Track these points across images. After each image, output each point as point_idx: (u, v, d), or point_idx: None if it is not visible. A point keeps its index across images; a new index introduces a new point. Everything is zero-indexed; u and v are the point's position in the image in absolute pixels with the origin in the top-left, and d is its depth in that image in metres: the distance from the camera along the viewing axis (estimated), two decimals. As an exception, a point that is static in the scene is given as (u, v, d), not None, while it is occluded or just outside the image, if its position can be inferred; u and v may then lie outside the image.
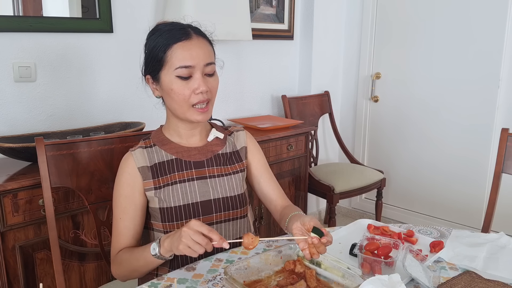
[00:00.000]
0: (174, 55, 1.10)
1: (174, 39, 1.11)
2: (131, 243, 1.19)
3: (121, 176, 1.19)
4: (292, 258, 1.11)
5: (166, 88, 1.14)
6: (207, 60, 1.13)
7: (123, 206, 1.17)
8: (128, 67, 2.22)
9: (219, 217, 1.21)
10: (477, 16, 2.64)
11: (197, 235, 0.96)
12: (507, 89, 2.62)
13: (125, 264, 1.14)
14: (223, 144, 1.27)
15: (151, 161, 1.19)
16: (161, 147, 1.21)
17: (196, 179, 1.20)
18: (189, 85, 1.11)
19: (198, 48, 1.12)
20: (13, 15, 1.81)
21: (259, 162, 1.32)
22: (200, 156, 1.22)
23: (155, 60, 1.13)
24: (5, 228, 1.52)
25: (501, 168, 1.63)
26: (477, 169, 2.77)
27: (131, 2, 2.17)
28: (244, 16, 2.29)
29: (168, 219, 1.17)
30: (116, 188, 1.19)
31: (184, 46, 1.10)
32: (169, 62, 1.11)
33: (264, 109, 2.98)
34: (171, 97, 1.14)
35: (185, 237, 0.97)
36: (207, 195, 1.20)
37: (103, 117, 2.16)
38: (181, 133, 1.22)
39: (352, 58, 3.28)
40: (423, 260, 1.07)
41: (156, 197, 1.17)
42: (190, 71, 1.11)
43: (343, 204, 3.47)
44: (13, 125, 1.89)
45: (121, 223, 1.18)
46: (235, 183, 1.24)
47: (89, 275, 1.76)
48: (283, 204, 1.29)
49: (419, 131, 3.00)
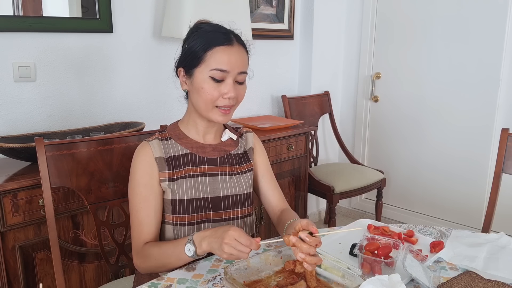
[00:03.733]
0: (213, 56, 1.13)
1: (217, 41, 1.13)
2: (154, 232, 1.19)
3: (139, 164, 1.19)
4: (292, 258, 1.11)
5: (197, 85, 1.16)
6: (242, 68, 1.16)
7: (143, 195, 1.17)
8: (128, 67, 2.22)
9: (227, 214, 1.23)
10: (477, 16, 2.64)
11: (240, 246, 0.99)
12: (507, 89, 2.62)
13: (154, 259, 1.14)
14: (235, 145, 1.30)
15: (167, 153, 1.20)
16: (177, 141, 1.23)
17: (208, 175, 1.22)
18: (220, 88, 1.14)
19: (237, 55, 1.15)
20: (13, 15, 1.81)
21: (262, 164, 1.35)
22: (214, 154, 1.25)
23: (193, 56, 1.15)
24: (5, 228, 1.52)
25: (501, 168, 1.63)
26: (477, 169, 2.77)
27: (131, 2, 2.17)
28: (244, 16, 2.29)
29: (179, 211, 1.18)
30: (133, 176, 1.19)
31: (225, 51, 1.13)
32: (206, 62, 1.13)
33: (264, 109, 2.98)
34: (199, 95, 1.16)
35: (228, 248, 0.99)
36: (217, 192, 1.22)
37: (103, 117, 2.16)
38: (198, 129, 1.24)
39: (352, 58, 3.28)
40: (423, 260, 1.07)
41: (169, 188, 1.19)
42: (224, 75, 1.14)
43: (343, 204, 3.47)
44: (13, 125, 1.89)
45: (142, 212, 1.17)
46: (243, 182, 1.27)
47: (89, 275, 1.75)
48: (281, 207, 1.32)
49: (419, 131, 3.00)
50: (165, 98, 2.38)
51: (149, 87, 2.32)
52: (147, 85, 2.32)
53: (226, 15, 2.15)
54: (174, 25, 2.12)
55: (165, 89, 2.36)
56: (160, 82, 2.35)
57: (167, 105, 2.40)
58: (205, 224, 1.20)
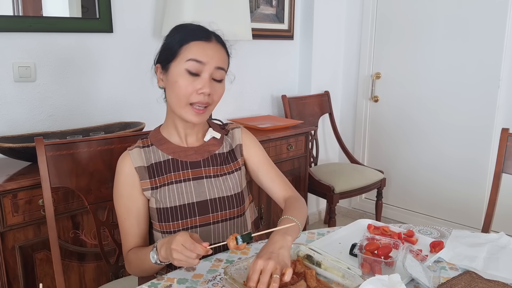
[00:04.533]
0: (189, 48, 1.11)
1: (194, 36, 1.12)
2: (139, 241, 1.19)
3: (119, 176, 1.19)
4: (292, 258, 1.11)
5: (171, 80, 1.13)
6: (219, 63, 1.14)
7: (126, 206, 1.18)
8: (128, 67, 2.22)
9: (216, 217, 1.21)
10: (477, 16, 2.64)
11: (186, 251, 0.96)
12: (507, 89, 2.62)
13: (134, 264, 1.16)
14: (220, 144, 1.26)
15: (148, 161, 1.19)
16: (158, 147, 1.21)
17: (192, 179, 1.20)
18: (195, 83, 1.11)
19: (214, 50, 1.13)
20: (13, 15, 1.81)
21: (256, 156, 1.30)
22: (197, 156, 1.22)
23: (169, 50, 1.14)
24: (5, 228, 1.52)
25: (501, 168, 1.63)
26: (477, 169, 2.77)
27: (131, 2, 2.17)
28: (244, 16, 2.28)
29: (165, 219, 1.17)
30: (116, 188, 1.20)
31: (201, 45, 1.12)
32: (182, 55, 1.11)
33: (264, 109, 2.98)
34: (173, 90, 1.13)
35: (175, 254, 0.97)
36: (203, 195, 1.20)
37: (103, 117, 2.16)
38: (179, 131, 1.21)
39: (352, 58, 3.28)
40: (423, 260, 1.06)
41: (152, 197, 1.18)
42: (200, 68, 1.11)
43: (343, 204, 3.47)
44: (13, 125, 1.89)
45: (126, 222, 1.18)
46: (231, 182, 1.24)
47: (89, 275, 1.75)
48: (284, 196, 1.27)
49: (419, 131, 3.00)
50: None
51: (149, 87, 2.32)
52: (147, 85, 2.31)
53: (226, 15, 2.15)
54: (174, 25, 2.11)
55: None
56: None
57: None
58: (192, 229, 1.18)
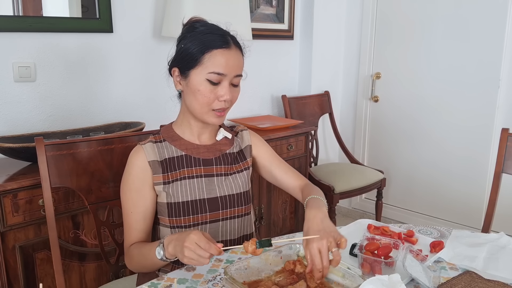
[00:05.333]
0: (211, 59, 1.12)
1: (215, 44, 1.13)
2: (142, 237, 1.20)
3: (131, 169, 1.19)
4: (292, 258, 1.11)
5: (193, 87, 1.15)
6: (238, 72, 1.16)
7: (134, 200, 1.18)
8: (128, 67, 2.22)
9: (225, 214, 1.23)
10: (477, 16, 2.64)
11: (199, 250, 0.97)
12: (507, 89, 2.62)
13: (135, 259, 1.16)
14: (231, 144, 1.30)
15: (161, 156, 1.20)
16: (171, 142, 1.22)
17: (204, 176, 1.22)
18: (216, 91, 1.14)
19: (234, 58, 1.15)
20: (13, 15, 1.81)
21: (266, 153, 1.36)
22: (209, 154, 1.24)
23: (190, 57, 1.14)
24: (5, 228, 1.52)
25: (501, 168, 1.63)
26: (477, 169, 2.77)
27: (131, 2, 2.17)
28: (244, 16, 2.29)
29: (175, 214, 1.18)
30: (125, 181, 1.20)
31: (223, 54, 1.13)
32: (204, 64, 1.12)
33: (264, 109, 2.98)
34: (195, 97, 1.15)
35: (187, 252, 0.97)
36: (214, 193, 1.22)
37: (103, 117, 2.16)
38: (193, 129, 1.23)
39: (352, 58, 3.28)
40: (423, 260, 1.07)
41: (164, 191, 1.18)
42: (221, 78, 1.14)
43: (343, 204, 3.47)
44: (13, 125, 1.89)
45: (132, 217, 1.18)
46: (240, 181, 1.27)
47: (89, 275, 1.75)
48: (300, 185, 1.31)
49: (419, 131, 3.00)
50: (165, 98, 2.37)
51: (149, 87, 2.33)
52: (147, 85, 2.32)
53: (226, 15, 2.15)
54: (174, 25, 2.12)
55: (165, 89, 2.35)
56: (160, 82, 2.34)
57: (167, 105, 2.38)
58: (202, 225, 1.20)
